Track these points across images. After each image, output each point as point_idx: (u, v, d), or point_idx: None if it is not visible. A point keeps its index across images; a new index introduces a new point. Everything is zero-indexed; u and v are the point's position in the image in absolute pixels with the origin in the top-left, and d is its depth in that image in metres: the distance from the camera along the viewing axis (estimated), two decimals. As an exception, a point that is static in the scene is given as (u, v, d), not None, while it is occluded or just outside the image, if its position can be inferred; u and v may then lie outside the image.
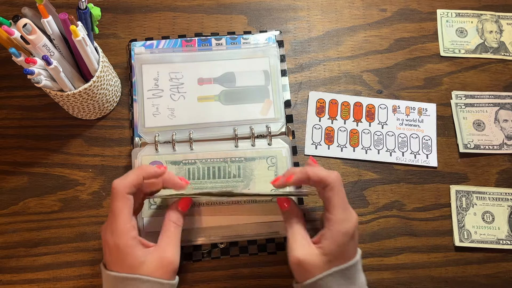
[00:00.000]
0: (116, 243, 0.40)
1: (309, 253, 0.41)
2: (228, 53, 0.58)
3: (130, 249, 0.40)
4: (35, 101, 0.57)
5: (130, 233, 0.40)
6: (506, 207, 0.55)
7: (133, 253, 0.40)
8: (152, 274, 0.40)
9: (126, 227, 0.40)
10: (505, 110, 0.59)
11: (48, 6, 0.46)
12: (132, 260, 0.40)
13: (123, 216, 0.40)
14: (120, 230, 0.40)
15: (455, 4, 0.64)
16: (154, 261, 0.41)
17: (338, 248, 0.40)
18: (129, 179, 0.41)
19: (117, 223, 0.40)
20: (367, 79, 0.60)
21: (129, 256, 0.40)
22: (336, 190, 0.42)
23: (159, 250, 0.42)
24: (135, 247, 0.40)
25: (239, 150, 0.53)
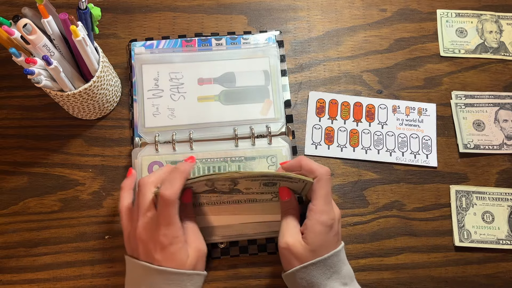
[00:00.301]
0: (172, 246, 0.41)
1: (297, 241, 0.44)
2: (228, 53, 0.58)
3: (182, 249, 0.42)
4: (35, 101, 0.57)
5: (181, 234, 0.43)
6: (506, 207, 0.55)
7: (183, 252, 0.42)
8: (193, 267, 0.43)
9: (180, 233, 0.42)
10: (505, 110, 0.59)
11: (48, 6, 0.46)
12: (181, 257, 0.42)
13: (177, 223, 0.42)
14: (175, 235, 0.42)
15: (455, 4, 0.64)
16: (193, 255, 0.43)
17: (316, 237, 0.43)
18: (176, 186, 0.42)
19: (171, 229, 0.42)
20: (367, 79, 0.60)
21: (179, 254, 0.42)
22: (322, 183, 0.44)
23: (192, 243, 0.44)
24: (183, 246, 0.43)
25: (239, 150, 0.53)
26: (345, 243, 0.52)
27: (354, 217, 0.54)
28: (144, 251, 0.42)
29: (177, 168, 0.44)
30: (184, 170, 0.44)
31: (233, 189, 0.48)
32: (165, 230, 0.41)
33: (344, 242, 0.46)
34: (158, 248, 0.41)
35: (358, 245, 0.53)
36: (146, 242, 0.42)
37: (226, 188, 0.47)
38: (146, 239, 0.42)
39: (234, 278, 0.51)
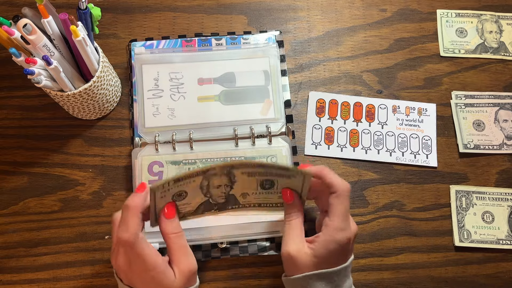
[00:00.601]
0: (152, 276, 0.40)
1: (301, 250, 0.42)
2: (228, 53, 0.58)
3: (163, 275, 0.41)
4: (35, 101, 0.57)
5: (159, 261, 0.41)
6: (506, 207, 0.55)
7: (167, 276, 0.41)
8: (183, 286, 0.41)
9: (157, 261, 0.40)
10: (505, 110, 0.59)
11: (48, 6, 0.46)
12: (167, 282, 0.41)
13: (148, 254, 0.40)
14: (153, 266, 0.40)
15: (455, 4, 0.64)
16: (181, 277, 0.41)
17: (328, 253, 0.41)
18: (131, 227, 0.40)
19: (147, 263, 0.40)
20: (367, 79, 0.60)
21: (164, 280, 0.41)
22: (341, 199, 0.42)
23: (178, 265, 0.42)
24: (165, 271, 0.41)
25: (239, 150, 0.53)
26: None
27: (354, 217, 0.54)
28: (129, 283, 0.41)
29: (126, 206, 0.41)
30: (135, 205, 0.41)
31: (229, 195, 0.45)
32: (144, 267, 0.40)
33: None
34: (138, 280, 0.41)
35: (358, 245, 0.53)
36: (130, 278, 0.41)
37: (222, 195, 0.45)
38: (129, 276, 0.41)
39: (234, 278, 0.51)
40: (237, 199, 0.46)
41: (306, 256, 0.42)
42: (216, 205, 0.46)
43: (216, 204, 0.46)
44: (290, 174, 0.43)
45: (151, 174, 0.52)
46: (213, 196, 0.46)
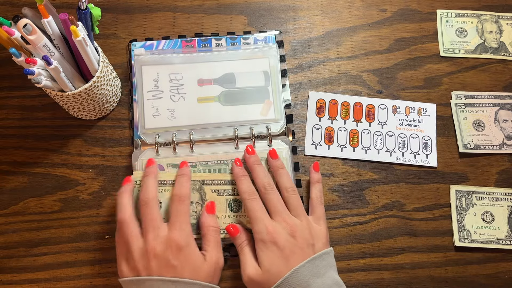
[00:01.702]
0: (187, 241, 0.43)
1: (255, 271, 0.44)
2: (228, 54, 0.58)
3: (195, 248, 0.44)
4: (35, 101, 0.57)
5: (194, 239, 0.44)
6: (506, 207, 0.55)
7: (197, 253, 0.44)
8: (208, 278, 0.43)
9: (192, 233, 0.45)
10: (505, 110, 0.59)
11: (48, 6, 0.46)
12: (196, 259, 0.43)
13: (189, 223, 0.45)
14: (188, 229, 0.44)
15: (455, 4, 0.64)
16: (210, 265, 0.44)
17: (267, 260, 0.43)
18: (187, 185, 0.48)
19: (186, 228, 0.44)
20: (367, 79, 0.60)
21: (193, 255, 0.43)
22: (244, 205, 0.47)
23: (211, 256, 0.45)
24: (196, 247, 0.44)
25: (239, 152, 0.53)
26: (345, 243, 0.53)
27: (354, 217, 0.54)
28: (158, 264, 0.42)
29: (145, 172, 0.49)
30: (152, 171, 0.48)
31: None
32: (179, 228, 0.43)
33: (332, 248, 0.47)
34: (174, 250, 0.42)
35: (358, 245, 0.53)
36: (161, 253, 0.42)
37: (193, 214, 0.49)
38: (161, 250, 0.42)
39: (234, 278, 0.51)
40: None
41: (257, 272, 0.44)
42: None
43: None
44: None
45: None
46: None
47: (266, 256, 0.44)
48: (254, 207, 0.46)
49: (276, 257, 0.43)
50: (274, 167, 0.50)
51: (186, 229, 0.44)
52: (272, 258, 0.43)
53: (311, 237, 0.45)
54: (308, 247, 0.45)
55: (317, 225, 0.48)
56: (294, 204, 0.47)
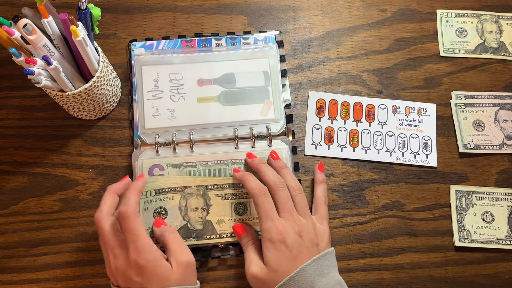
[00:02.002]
0: (146, 259, 0.41)
1: (259, 267, 0.44)
2: (228, 54, 0.58)
3: (159, 261, 0.41)
4: (35, 101, 0.57)
5: (154, 245, 0.42)
6: (506, 207, 0.55)
7: (163, 264, 0.42)
8: (181, 282, 0.42)
9: (149, 241, 0.42)
10: (504, 110, 0.59)
11: (48, 6, 0.46)
12: (163, 271, 0.41)
13: (143, 232, 0.42)
14: (144, 245, 0.41)
15: (455, 4, 0.64)
16: (179, 268, 0.42)
17: (273, 258, 0.43)
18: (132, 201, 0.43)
19: (140, 240, 0.41)
20: (367, 79, 0.60)
21: (159, 268, 0.41)
22: (255, 202, 0.46)
23: (177, 256, 0.43)
24: (161, 257, 0.42)
25: (239, 152, 0.53)
26: (345, 243, 0.53)
27: (354, 217, 0.54)
28: (123, 280, 0.41)
29: (130, 185, 0.45)
30: (137, 186, 0.45)
31: (206, 221, 0.49)
32: (135, 246, 0.41)
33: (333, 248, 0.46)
34: (134, 269, 0.40)
35: (358, 245, 0.53)
36: (123, 270, 0.41)
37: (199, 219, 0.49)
38: (122, 267, 0.41)
39: (234, 278, 0.51)
40: (214, 228, 0.49)
41: (262, 270, 0.44)
42: (194, 232, 0.49)
43: (194, 231, 0.49)
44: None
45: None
46: (191, 220, 0.49)
47: (274, 255, 0.43)
48: (266, 205, 0.45)
49: (284, 257, 0.43)
50: (277, 167, 0.50)
51: (141, 246, 0.41)
52: (279, 258, 0.43)
53: (315, 237, 0.46)
54: (313, 246, 0.45)
55: (321, 224, 0.48)
56: (300, 203, 0.47)
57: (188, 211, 0.49)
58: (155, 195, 0.50)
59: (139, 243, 0.41)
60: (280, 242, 0.43)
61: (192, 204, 0.50)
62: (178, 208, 0.49)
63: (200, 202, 0.50)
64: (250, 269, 0.44)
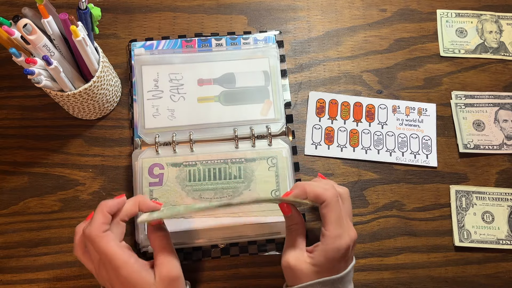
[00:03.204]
0: (124, 275, 0.39)
1: (300, 260, 0.42)
2: (228, 54, 0.58)
3: (138, 274, 0.40)
4: (35, 101, 0.57)
5: (130, 259, 0.40)
6: (506, 207, 0.55)
7: (142, 278, 0.40)
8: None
9: (125, 256, 0.40)
10: (505, 110, 0.59)
11: (48, 6, 0.46)
12: (144, 283, 0.40)
13: (115, 249, 0.40)
14: (121, 262, 0.40)
15: (455, 4, 0.64)
16: (160, 280, 0.41)
17: (327, 262, 0.41)
18: (96, 221, 0.41)
19: (115, 259, 0.40)
20: (367, 79, 0.60)
21: (140, 280, 0.40)
22: (330, 207, 0.42)
23: (161, 268, 0.41)
24: (141, 271, 0.40)
25: (239, 151, 0.53)
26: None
27: (354, 217, 0.54)
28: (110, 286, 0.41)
29: (100, 205, 0.42)
30: (104, 204, 0.42)
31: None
32: (111, 266, 0.40)
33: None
34: (117, 281, 0.40)
35: (358, 245, 0.53)
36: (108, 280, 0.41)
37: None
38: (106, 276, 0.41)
39: (234, 278, 0.51)
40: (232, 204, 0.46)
41: (306, 264, 0.42)
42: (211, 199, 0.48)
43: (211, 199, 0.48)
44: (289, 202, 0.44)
45: (151, 177, 0.51)
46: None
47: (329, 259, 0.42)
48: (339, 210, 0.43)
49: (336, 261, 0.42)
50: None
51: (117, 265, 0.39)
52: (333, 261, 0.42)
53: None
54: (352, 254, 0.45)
55: None
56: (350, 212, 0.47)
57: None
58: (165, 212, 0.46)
59: (114, 262, 0.39)
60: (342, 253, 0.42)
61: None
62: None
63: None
64: (288, 258, 0.42)
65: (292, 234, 0.44)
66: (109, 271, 0.40)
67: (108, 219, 0.41)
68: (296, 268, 0.42)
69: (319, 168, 0.55)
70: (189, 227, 0.50)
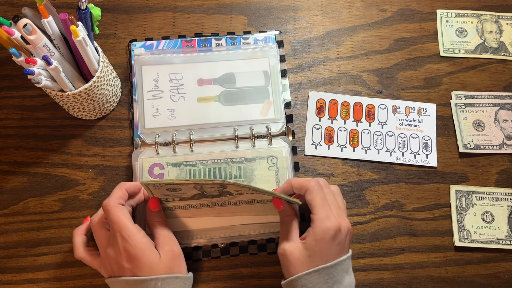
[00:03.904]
0: (134, 245, 0.42)
1: (295, 247, 0.44)
2: (228, 53, 0.58)
3: (147, 246, 0.43)
4: (35, 101, 0.57)
5: (140, 231, 0.43)
6: (506, 207, 0.55)
7: (151, 252, 0.43)
8: (167, 270, 0.43)
9: (135, 229, 0.43)
10: (504, 110, 0.59)
11: (48, 6, 0.46)
12: (151, 259, 0.42)
13: (127, 220, 0.43)
14: (131, 232, 0.42)
15: (455, 4, 0.64)
16: (166, 257, 0.43)
17: (317, 243, 0.43)
18: (115, 194, 0.44)
19: (126, 228, 0.42)
20: (367, 79, 0.60)
21: (148, 255, 0.42)
22: (314, 192, 0.44)
23: (162, 246, 0.44)
24: (149, 244, 0.43)
25: (239, 151, 0.53)
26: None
27: (354, 217, 0.54)
28: (116, 267, 0.43)
29: (120, 183, 0.46)
30: (126, 184, 0.46)
31: (223, 191, 0.47)
32: (121, 235, 0.42)
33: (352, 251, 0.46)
34: (124, 256, 0.42)
35: (358, 245, 0.53)
36: (115, 257, 0.43)
37: (215, 191, 0.47)
38: (113, 254, 0.43)
39: (234, 278, 0.51)
40: (231, 193, 0.48)
41: (299, 250, 0.43)
42: (210, 196, 0.48)
43: (209, 195, 0.48)
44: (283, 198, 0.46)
45: (151, 176, 0.51)
46: (207, 191, 0.48)
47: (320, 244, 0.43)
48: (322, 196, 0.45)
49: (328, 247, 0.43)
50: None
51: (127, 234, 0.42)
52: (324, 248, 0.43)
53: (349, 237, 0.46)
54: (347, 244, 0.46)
55: None
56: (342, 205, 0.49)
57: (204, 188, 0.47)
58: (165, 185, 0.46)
59: (124, 231, 0.42)
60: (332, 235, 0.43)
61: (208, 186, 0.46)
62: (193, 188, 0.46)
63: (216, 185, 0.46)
64: (282, 245, 0.44)
65: (285, 225, 0.46)
66: (118, 244, 0.42)
67: (125, 195, 0.45)
68: (290, 254, 0.43)
69: (319, 168, 0.55)
70: (189, 227, 0.50)
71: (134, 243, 0.42)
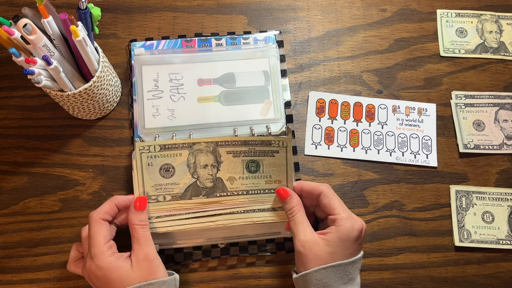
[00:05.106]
0: (99, 265, 0.41)
1: (314, 241, 0.43)
2: (228, 53, 0.58)
3: (114, 264, 0.42)
4: (35, 101, 0.57)
5: (108, 251, 0.42)
6: (506, 207, 0.55)
7: (118, 266, 0.42)
8: (141, 279, 0.41)
9: (103, 248, 0.42)
10: (505, 110, 0.59)
11: (48, 6, 0.46)
12: (119, 274, 0.41)
13: (99, 238, 0.42)
14: (98, 251, 0.42)
15: (455, 4, 0.64)
16: (139, 269, 0.42)
17: (342, 242, 0.42)
18: (102, 207, 0.44)
19: (95, 246, 0.42)
20: (367, 79, 0.60)
21: (114, 272, 0.41)
22: (330, 195, 0.45)
23: (136, 253, 0.43)
24: (117, 260, 0.42)
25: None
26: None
27: (354, 217, 0.54)
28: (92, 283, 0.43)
29: (113, 197, 0.46)
30: (118, 198, 0.46)
31: (216, 178, 0.47)
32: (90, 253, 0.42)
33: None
34: (93, 274, 0.42)
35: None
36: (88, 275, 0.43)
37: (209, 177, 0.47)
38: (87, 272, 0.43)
39: (234, 278, 0.51)
40: (225, 185, 0.48)
41: (320, 246, 0.42)
42: (204, 190, 0.48)
43: (204, 189, 0.48)
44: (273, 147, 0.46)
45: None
46: (201, 177, 0.48)
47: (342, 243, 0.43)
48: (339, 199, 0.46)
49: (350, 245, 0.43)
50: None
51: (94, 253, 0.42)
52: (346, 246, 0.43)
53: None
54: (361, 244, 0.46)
55: None
56: None
57: (197, 168, 0.47)
58: (159, 151, 0.47)
59: (93, 249, 0.42)
60: (355, 235, 0.43)
61: (202, 161, 0.47)
62: (186, 165, 0.47)
63: (210, 159, 0.47)
64: (301, 238, 0.43)
65: (296, 218, 0.45)
66: (87, 262, 0.42)
67: (113, 210, 0.45)
68: (311, 249, 0.42)
69: (319, 168, 0.55)
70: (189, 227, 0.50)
71: (100, 263, 0.41)
